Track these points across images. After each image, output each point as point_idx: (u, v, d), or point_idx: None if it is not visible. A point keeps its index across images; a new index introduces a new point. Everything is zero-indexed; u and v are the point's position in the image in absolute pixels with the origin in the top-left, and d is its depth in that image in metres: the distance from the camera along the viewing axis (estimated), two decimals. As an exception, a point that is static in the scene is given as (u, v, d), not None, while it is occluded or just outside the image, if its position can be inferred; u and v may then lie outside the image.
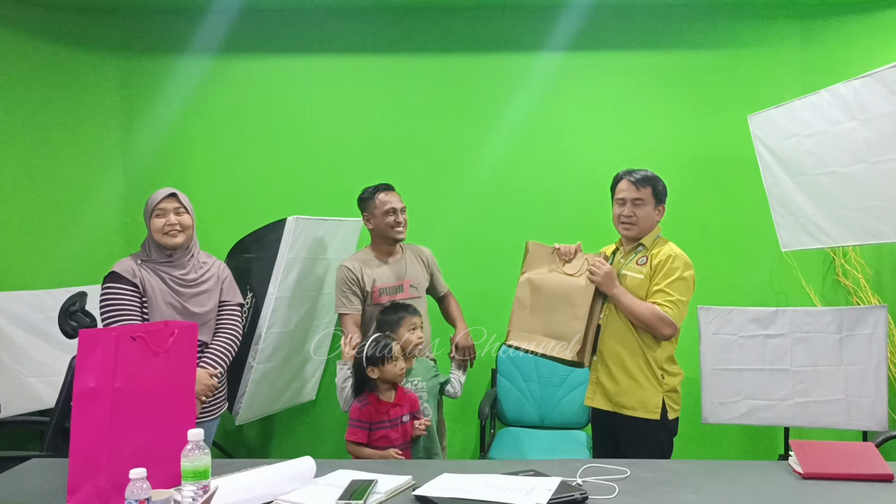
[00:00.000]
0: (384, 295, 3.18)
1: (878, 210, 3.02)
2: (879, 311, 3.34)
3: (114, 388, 1.83)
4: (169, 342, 2.01)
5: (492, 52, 4.20)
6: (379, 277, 3.18)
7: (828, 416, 3.37)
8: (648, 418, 2.68)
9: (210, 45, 4.25)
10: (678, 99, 4.13)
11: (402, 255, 3.30)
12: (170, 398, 1.99)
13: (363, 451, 2.66)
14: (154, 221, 2.67)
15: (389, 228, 3.19)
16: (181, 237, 2.70)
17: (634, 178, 2.76)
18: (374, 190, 3.24)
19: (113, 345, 1.85)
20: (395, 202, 3.20)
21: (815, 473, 2.07)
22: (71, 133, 4.13)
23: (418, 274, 3.31)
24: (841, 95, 3.09)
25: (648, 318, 2.63)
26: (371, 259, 3.24)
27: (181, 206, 2.72)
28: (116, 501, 1.76)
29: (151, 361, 1.95)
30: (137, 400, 1.89)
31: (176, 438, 1.78)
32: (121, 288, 2.61)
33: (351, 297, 3.15)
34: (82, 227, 4.14)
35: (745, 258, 4.08)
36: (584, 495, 1.87)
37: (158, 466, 1.81)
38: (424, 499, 1.86)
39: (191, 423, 2.02)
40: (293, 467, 2.01)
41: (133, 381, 1.88)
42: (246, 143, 4.26)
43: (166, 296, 2.67)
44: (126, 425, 1.86)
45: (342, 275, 3.17)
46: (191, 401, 2.11)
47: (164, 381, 1.98)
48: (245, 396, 3.42)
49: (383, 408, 2.70)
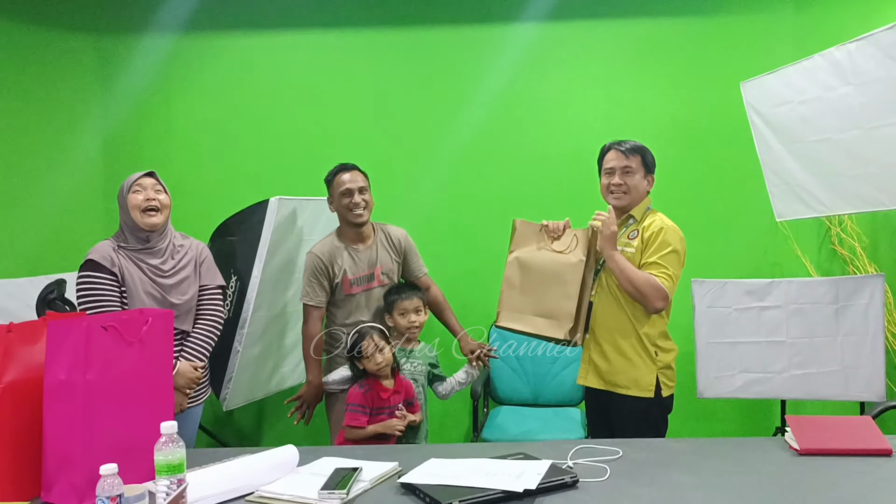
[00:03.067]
0: (356, 286, 3.09)
1: (873, 177, 2.96)
2: (876, 280, 3.28)
3: (86, 380, 1.78)
4: (143, 331, 1.95)
5: (472, 24, 4.11)
6: (350, 268, 3.08)
7: (825, 388, 3.33)
8: (642, 396, 2.64)
9: (187, 22, 4.15)
10: (668, 67, 4.05)
11: (374, 239, 3.16)
12: (145, 389, 1.93)
13: (364, 432, 2.61)
14: (132, 197, 2.57)
15: (347, 211, 3.06)
16: (159, 217, 2.61)
17: (623, 148, 2.71)
18: (335, 171, 3.11)
19: (83, 335, 1.79)
20: (350, 182, 3.04)
21: (812, 449, 2.03)
22: (47, 116, 4.04)
23: (389, 260, 3.18)
24: (835, 60, 3.02)
25: (643, 287, 2.56)
26: (340, 247, 3.09)
27: (159, 184, 2.65)
28: (93, 496, 1.70)
29: (125, 352, 1.89)
30: (111, 392, 1.83)
31: (153, 431, 1.71)
32: (99, 277, 2.52)
33: (317, 289, 3.06)
34: (60, 211, 4.06)
35: (739, 229, 4.02)
36: (574, 478, 1.82)
37: (135, 460, 1.77)
38: (410, 486, 1.80)
39: (168, 415, 1.96)
40: (275, 456, 1.95)
41: (106, 372, 1.82)
42: (226, 121, 4.18)
43: (146, 285, 2.59)
44: (100, 418, 1.80)
45: (310, 262, 3.07)
46: (168, 392, 2.04)
47: (139, 372, 1.92)
48: (232, 382, 3.36)
49: (385, 394, 2.67)
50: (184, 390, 2.62)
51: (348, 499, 1.75)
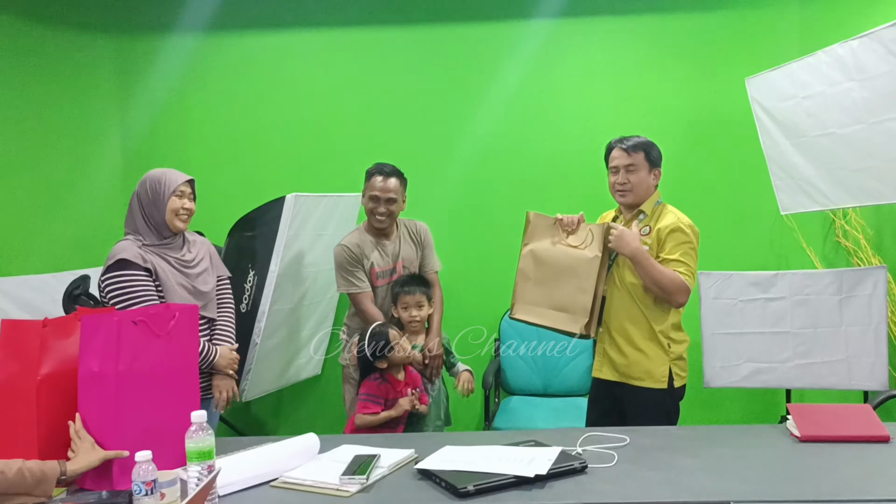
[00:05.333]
0: (381, 278, 3.18)
1: (877, 171, 3.01)
2: (879, 271, 3.34)
3: (117, 371, 1.87)
4: (170, 325, 2.03)
5: (485, 21, 4.17)
6: (377, 261, 3.17)
7: (829, 378, 3.39)
8: (656, 388, 2.69)
9: (204, 22, 4.22)
10: (675, 63, 4.10)
11: (397, 234, 3.25)
12: (173, 380, 2.02)
13: (377, 418, 2.66)
14: (174, 200, 2.64)
15: (370, 213, 3.16)
16: (187, 224, 2.71)
17: (626, 146, 2.74)
18: (374, 170, 3.17)
19: (115, 329, 1.88)
20: (380, 192, 3.10)
21: (813, 436, 2.10)
22: (67, 115, 4.12)
23: (410, 254, 3.26)
24: (839, 56, 3.07)
25: (669, 285, 2.59)
26: (367, 239, 3.18)
27: (193, 193, 2.74)
28: (124, 483, 1.80)
29: (153, 344, 1.97)
30: (141, 382, 1.92)
31: (180, 419, 1.79)
32: (135, 274, 2.56)
33: (359, 275, 3.12)
34: (82, 209, 4.14)
35: (744, 222, 4.07)
36: (583, 464, 1.90)
37: (164, 447, 1.84)
38: (426, 472, 1.89)
39: (195, 404, 2.05)
40: (297, 444, 2.04)
41: (136, 363, 1.91)
42: (243, 119, 4.26)
43: (178, 277, 2.66)
44: (131, 408, 1.89)
45: (343, 254, 3.13)
46: (194, 382, 2.13)
47: (167, 364, 2.00)
48: (250, 373, 3.45)
49: (398, 386, 2.74)
50: (227, 371, 2.70)
51: (368, 483, 1.83)
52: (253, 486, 1.87)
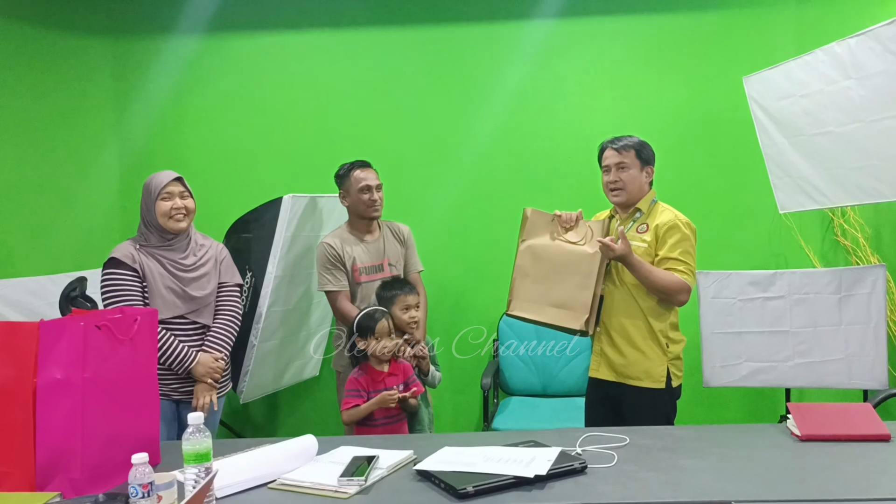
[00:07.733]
0: (364, 274, 3.18)
1: (875, 169, 3.01)
2: (878, 270, 3.33)
3: (83, 378, 1.81)
4: (133, 330, 1.99)
5: (482, 22, 4.16)
6: (359, 256, 3.18)
7: (828, 376, 3.39)
8: (654, 388, 2.68)
9: (200, 24, 4.21)
10: (672, 62, 4.10)
11: (381, 233, 3.28)
12: (134, 386, 1.98)
13: (358, 410, 2.65)
14: (160, 204, 2.66)
15: (365, 207, 3.17)
16: (185, 221, 2.71)
17: (617, 146, 2.75)
18: (349, 167, 3.22)
19: (80, 334, 1.82)
20: (370, 179, 3.17)
21: (813, 435, 2.09)
22: (63, 118, 4.10)
23: (395, 252, 3.29)
24: (836, 54, 3.07)
25: (669, 286, 2.60)
26: (350, 237, 3.22)
27: (185, 189, 2.73)
28: (90, 490, 1.78)
29: (117, 350, 1.93)
30: (105, 389, 1.87)
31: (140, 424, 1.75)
32: (121, 273, 2.61)
33: (337, 275, 3.14)
34: (79, 211, 4.13)
35: (743, 221, 4.07)
36: (583, 464, 1.89)
37: (128, 453, 1.73)
38: (425, 473, 1.88)
39: (155, 410, 2.04)
40: (295, 445, 2.03)
41: (101, 370, 1.86)
42: (239, 121, 4.25)
43: (166, 280, 2.67)
44: (96, 415, 1.84)
45: (323, 251, 3.16)
46: (153, 388, 2.10)
47: (129, 369, 1.96)
48: (248, 375, 3.44)
49: (378, 377, 2.73)
50: (205, 380, 2.69)
51: (366, 485, 1.82)
52: (251, 487, 1.85)
